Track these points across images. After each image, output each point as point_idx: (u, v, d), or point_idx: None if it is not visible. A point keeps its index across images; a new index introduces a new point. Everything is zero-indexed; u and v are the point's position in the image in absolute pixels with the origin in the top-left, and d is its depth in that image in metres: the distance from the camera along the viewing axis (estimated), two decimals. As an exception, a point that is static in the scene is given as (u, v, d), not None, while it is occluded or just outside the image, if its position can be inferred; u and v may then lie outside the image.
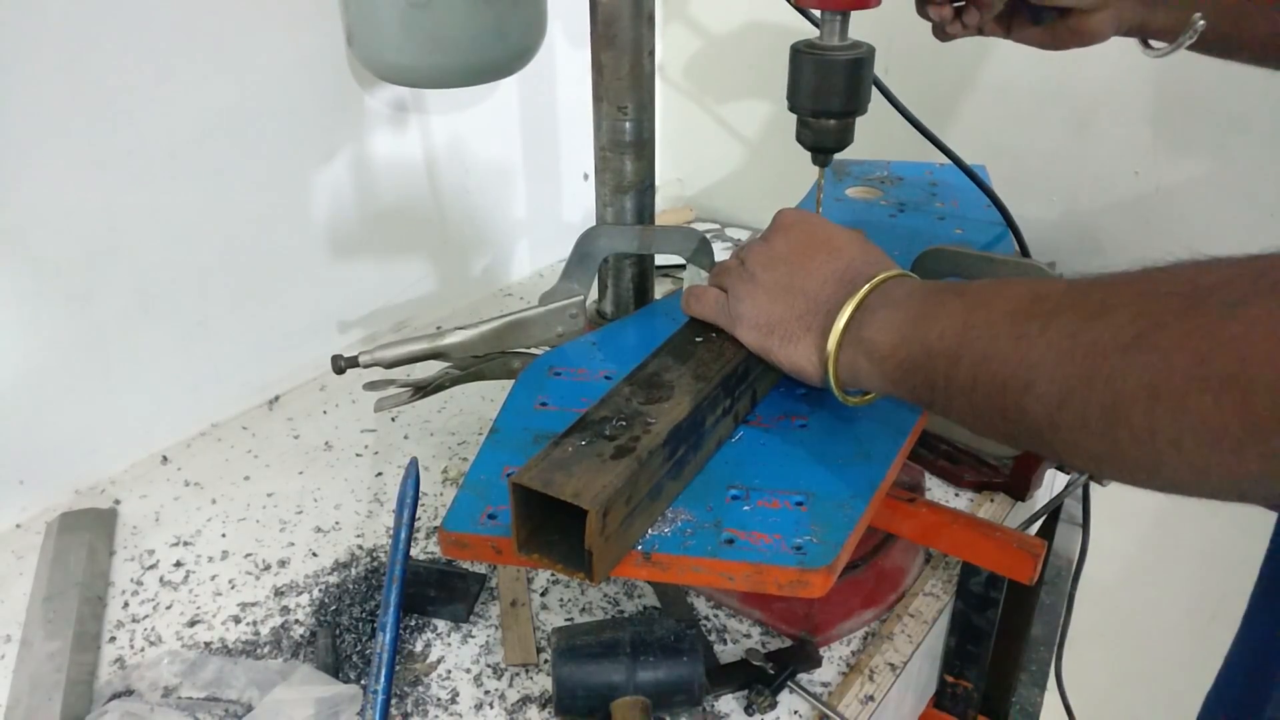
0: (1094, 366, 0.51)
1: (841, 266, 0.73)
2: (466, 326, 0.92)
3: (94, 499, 1.10)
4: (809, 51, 0.85)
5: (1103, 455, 0.52)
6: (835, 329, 0.69)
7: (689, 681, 0.79)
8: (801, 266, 0.75)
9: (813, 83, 0.85)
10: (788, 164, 0.95)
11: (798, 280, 0.74)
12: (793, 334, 0.73)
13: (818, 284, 0.73)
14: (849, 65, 0.84)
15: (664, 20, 1.70)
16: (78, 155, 1.02)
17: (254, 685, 0.84)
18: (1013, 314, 0.58)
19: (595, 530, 0.61)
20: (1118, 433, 0.49)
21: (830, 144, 0.89)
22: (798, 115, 0.89)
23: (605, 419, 0.69)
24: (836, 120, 0.87)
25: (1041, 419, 0.54)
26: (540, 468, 0.64)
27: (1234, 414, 0.44)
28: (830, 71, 0.84)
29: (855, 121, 0.88)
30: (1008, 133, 1.42)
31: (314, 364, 1.33)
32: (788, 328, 0.74)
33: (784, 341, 0.74)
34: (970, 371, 0.59)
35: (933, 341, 0.63)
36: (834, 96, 0.85)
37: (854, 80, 0.85)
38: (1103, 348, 0.50)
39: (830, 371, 0.70)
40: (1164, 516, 1.51)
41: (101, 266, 1.07)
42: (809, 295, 0.73)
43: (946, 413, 0.64)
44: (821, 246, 0.76)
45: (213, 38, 1.09)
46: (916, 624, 0.93)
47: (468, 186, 1.48)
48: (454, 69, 1.08)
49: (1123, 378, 0.49)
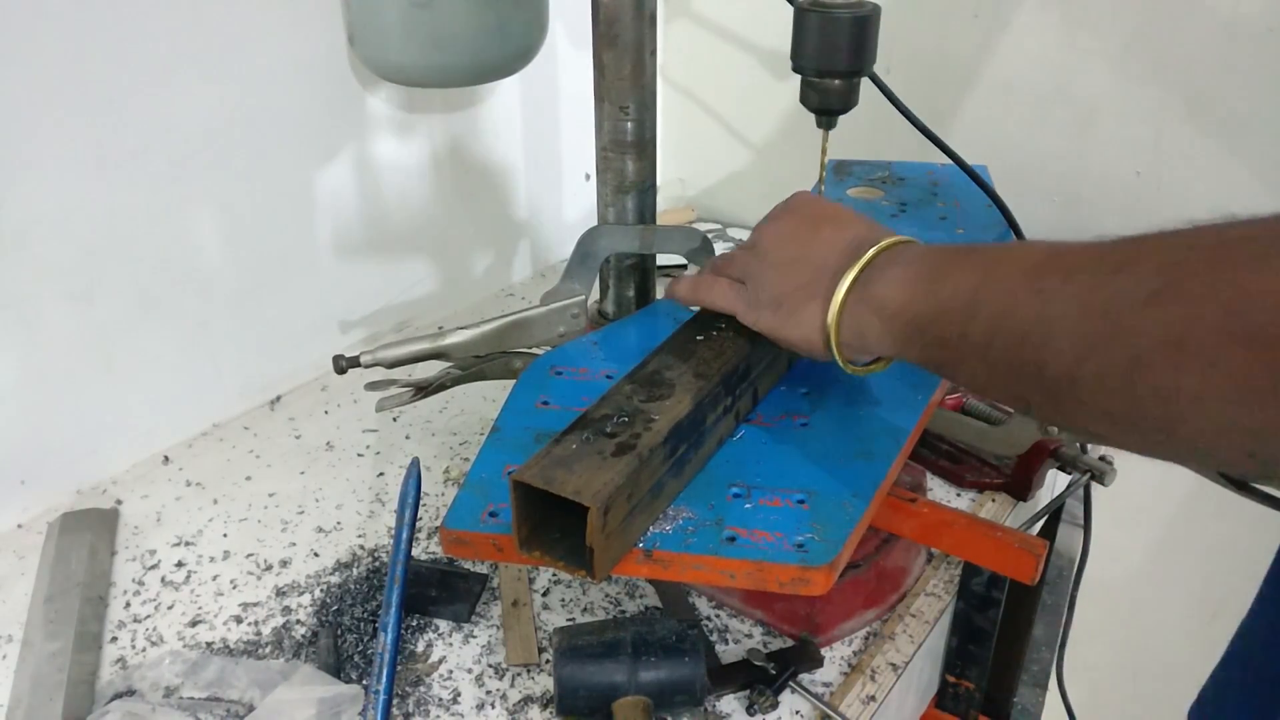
0: (1116, 320, 0.50)
1: (849, 236, 0.73)
2: (468, 326, 0.92)
3: (96, 499, 1.10)
4: (814, 9, 0.83)
5: (1119, 415, 0.50)
6: (839, 290, 0.69)
7: (690, 681, 0.79)
8: (809, 240, 0.75)
9: (818, 41, 0.84)
10: (790, 164, 0.95)
11: (805, 252, 0.74)
12: (799, 304, 0.73)
13: (824, 253, 0.73)
14: (855, 23, 0.83)
15: (666, 20, 1.70)
16: (80, 155, 1.02)
17: (255, 685, 0.84)
18: (1031, 269, 0.57)
19: (596, 527, 0.61)
20: (1138, 389, 0.48)
21: (836, 104, 0.87)
22: (802, 75, 0.87)
23: (606, 417, 0.69)
24: (842, 80, 0.85)
25: (1060, 375, 0.53)
26: (541, 465, 0.64)
27: (1263, 367, 0.43)
28: (835, 29, 0.83)
29: (860, 83, 0.87)
30: (1010, 133, 1.42)
31: (316, 364, 1.33)
32: (795, 300, 0.73)
33: (790, 313, 0.73)
34: (986, 326, 0.58)
35: (946, 297, 0.62)
36: (839, 55, 0.84)
37: (860, 38, 0.83)
38: (1126, 301, 0.49)
39: (833, 337, 0.70)
40: (1166, 517, 1.51)
41: (103, 267, 1.07)
42: (815, 264, 0.73)
43: (956, 373, 0.63)
44: (828, 221, 0.76)
45: (214, 38, 1.09)
46: (918, 624, 0.93)
47: (469, 186, 1.48)
48: (455, 69, 1.08)
49: (1146, 332, 0.48)
